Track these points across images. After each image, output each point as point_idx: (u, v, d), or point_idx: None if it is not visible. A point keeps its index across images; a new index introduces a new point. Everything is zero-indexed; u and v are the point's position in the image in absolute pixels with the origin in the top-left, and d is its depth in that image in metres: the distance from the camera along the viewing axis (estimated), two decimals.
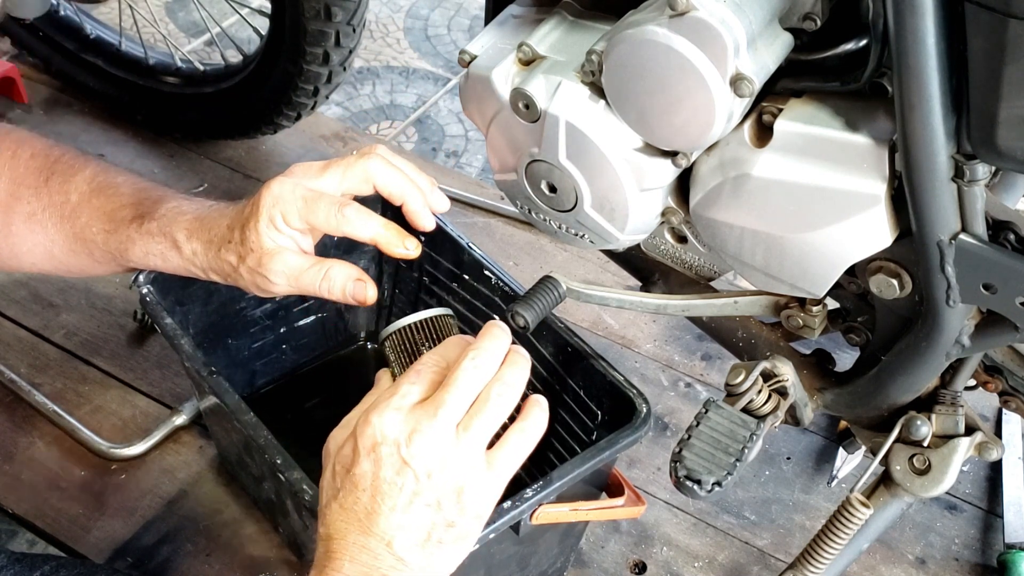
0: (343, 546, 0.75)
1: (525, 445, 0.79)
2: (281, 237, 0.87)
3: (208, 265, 0.91)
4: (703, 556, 1.30)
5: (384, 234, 0.88)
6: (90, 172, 0.97)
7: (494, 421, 0.77)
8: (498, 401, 0.76)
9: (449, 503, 0.75)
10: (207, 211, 0.92)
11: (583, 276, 1.60)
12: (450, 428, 0.75)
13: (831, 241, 0.84)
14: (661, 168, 0.87)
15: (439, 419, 0.75)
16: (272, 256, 0.87)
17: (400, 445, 0.74)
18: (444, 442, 0.75)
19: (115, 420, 1.38)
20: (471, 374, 0.76)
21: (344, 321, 1.37)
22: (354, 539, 0.75)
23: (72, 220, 0.95)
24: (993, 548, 1.32)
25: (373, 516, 0.75)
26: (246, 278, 0.89)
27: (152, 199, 0.95)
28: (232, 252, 0.88)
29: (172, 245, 0.92)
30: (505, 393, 0.77)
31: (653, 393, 1.46)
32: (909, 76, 0.71)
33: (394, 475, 0.74)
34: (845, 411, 1.06)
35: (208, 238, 0.90)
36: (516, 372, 0.79)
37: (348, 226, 0.87)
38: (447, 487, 0.75)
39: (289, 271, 0.87)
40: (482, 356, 0.77)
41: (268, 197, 0.86)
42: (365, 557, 0.75)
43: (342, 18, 1.49)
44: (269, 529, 1.28)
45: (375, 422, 0.75)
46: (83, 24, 1.82)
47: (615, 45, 0.81)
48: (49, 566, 0.96)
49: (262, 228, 0.86)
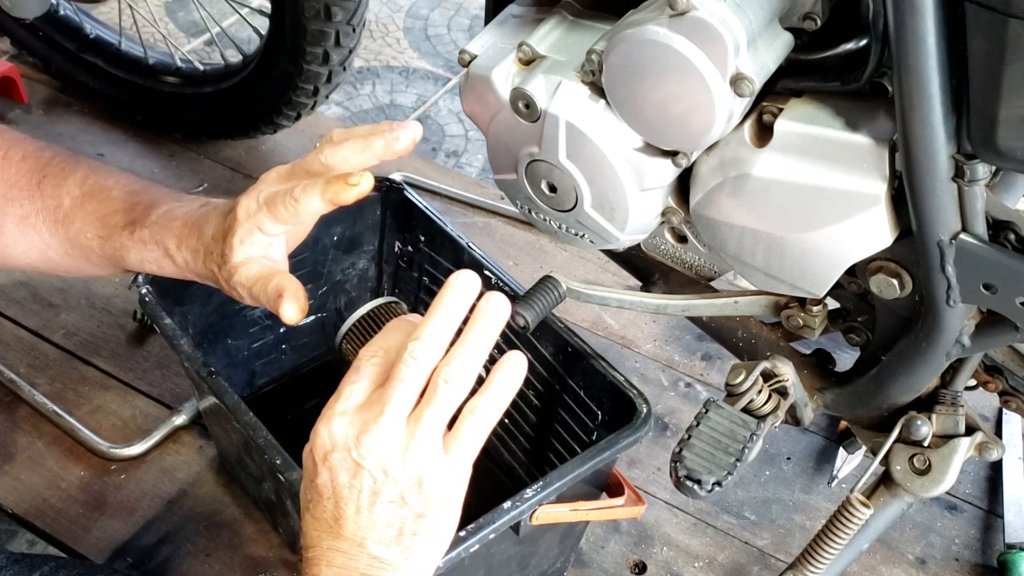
0: (318, 553, 0.75)
1: (483, 424, 0.76)
2: (253, 249, 0.87)
3: (198, 272, 0.91)
4: (703, 556, 1.30)
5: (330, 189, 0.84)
6: (81, 174, 0.96)
7: (445, 409, 0.74)
8: (446, 389, 0.74)
9: (412, 496, 0.75)
10: (196, 214, 0.92)
11: (583, 276, 1.60)
12: (399, 423, 0.74)
13: (831, 241, 0.84)
14: (661, 168, 0.87)
15: (386, 416, 0.73)
16: (237, 269, 0.87)
17: (350, 449, 0.74)
18: (394, 438, 0.74)
19: (115, 420, 1.38)
20: (412, 367, 0.74)
21: (343, 321, 1.36)
22: (328, 544, 0.75)
23: (66, 225, 0.95)
24: (993, 548, 1.32)
25: (341, 521, 0.75)
26: (225, 288, 0.89)
27: (143, 204, 0.94)
28: (213, 263, 0.88)
29: (164, 253, 0.92)
30: (454, 379, 0.74)
31: (653, 393, 1.46)
32: (909, 76, 0.71)
33: (351, 479, 0.74)
34: (845, 411, 1.06)
35: (196, 247, 0.90)
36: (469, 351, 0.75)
37: (302, 205, 0.84)
38: (406, 481, 0.74)
39: (246, 282, 0.87)
40: (422, 346, 0.74)
41: (241, 212, 0.86)
42: (340, 560, 0.75)
43: (342, 18, 1.49)
44: (269, 529, 1.28)
45: (322, 431, 0.75)
46: (83, 24, 1.82)
47: (615, 45, 0.81)
48: (49, 566, 0.96)
49: (236, 243, 0.86)
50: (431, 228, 1.25)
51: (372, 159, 0.85)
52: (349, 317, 0.89)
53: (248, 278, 0.86)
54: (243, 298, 0.88)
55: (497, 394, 0.76)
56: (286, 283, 0.85)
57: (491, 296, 0.77)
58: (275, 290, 0.85)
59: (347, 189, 0.83)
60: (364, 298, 1.36)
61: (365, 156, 0.85)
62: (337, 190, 0.83)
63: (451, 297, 0.76)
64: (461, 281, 0.77)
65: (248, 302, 0.88)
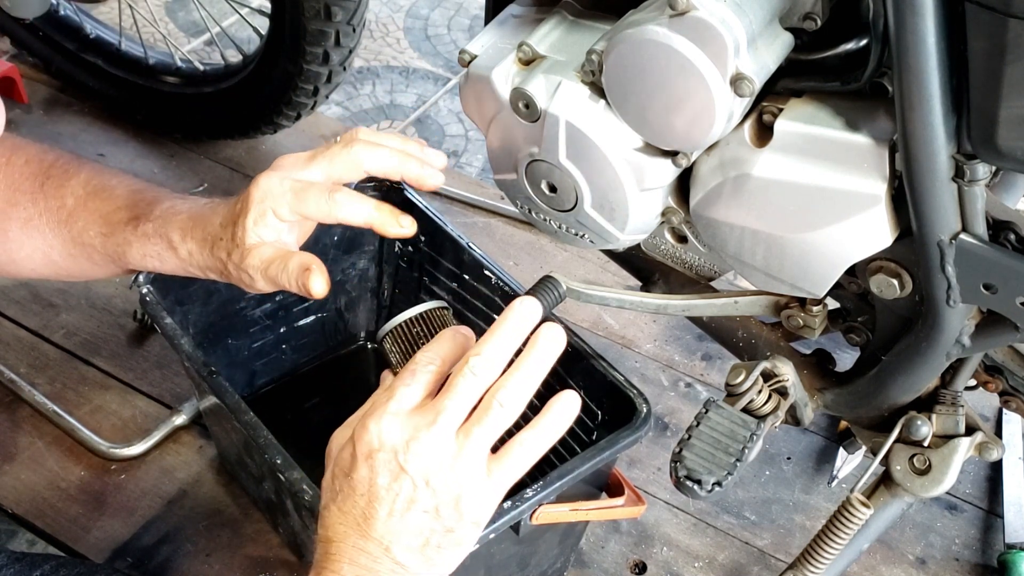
0: (342, 549, 0.75)
1: (529, 456, 0.77)
2: (267, 231, 0.87)
3: (204, 264, 0.91)
4: (703, 556, 1.30)
5: (377, 216, 0.87)
6: (85, 175, 0.96)
7: (495, 430, 0.75)
8: (499, 411, 0.75)
9: (447, 510, 0.75)
10: (201, 209, 0.92)
11: (583, 276, 1.60)
12: (449, 435, 0.74)
13: (831, 241, 0.84)
14: (661, 168, 0.87)
15: (438, 426, 0.74)
16: (251, 252, 0.87)
17: (397, 452, 0.74)
18: (442, 450, 0.74)
19: (115, 420, 1.38)
20: (470, 381, 0.75)
21: (344, 321, 1.37)
22: (353, 542, 0.75)
23: (69, 225, 0.95)
24: (993, 548, 1.32)
25: (370, 521, 0.74)
26: (234, 275, 0.89)
27: (147, 200, 0.94)
28: (223, 249, 0.88)
29: (168, 246, 0.92)
30: (508, 402, 0.75)
31: (653, 393, 1.46)
32: (909, 76, 0.71)
33: (391, 481, 0.74)
34: (845, 411, 1.06)
35: (202, 236, 0.90)
36: (527, 372, 0.76)
37: (340, 211, 0.86)
38: (445, 494, 0.74)
39: (260, 264, 0.87)
40: (483, 363, 0.75)
41: (257, 192, 0.86)
42: (364, 560, 0.75)
43: (342, 18, 1.49)
44: (269, 529, 1.28)
45: (372, 428, 0.75)
46: (83, 24, 1.82)
47: (615, 45, 0.81)
48: (49, 565, 0.96)
49: (249, 225, 0.86)
50: (431, 228, 1.25)
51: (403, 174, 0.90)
52: (399, 315, 0.88)
53: (263, 260, 0.87)
54: (253, 282, 0.88)
55: (548, 430, 0.77)
56: (310, 259, 0.86)
57: (551, 326, 0.78)
58: (301, 266, 0.86)
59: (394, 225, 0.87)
60: (364, 298, 1.37)
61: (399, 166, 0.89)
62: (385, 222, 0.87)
63: (513, 321, 0.77)
64: (524, 307, 0.78)
65: (259, 286, 0.88)
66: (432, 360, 0.78)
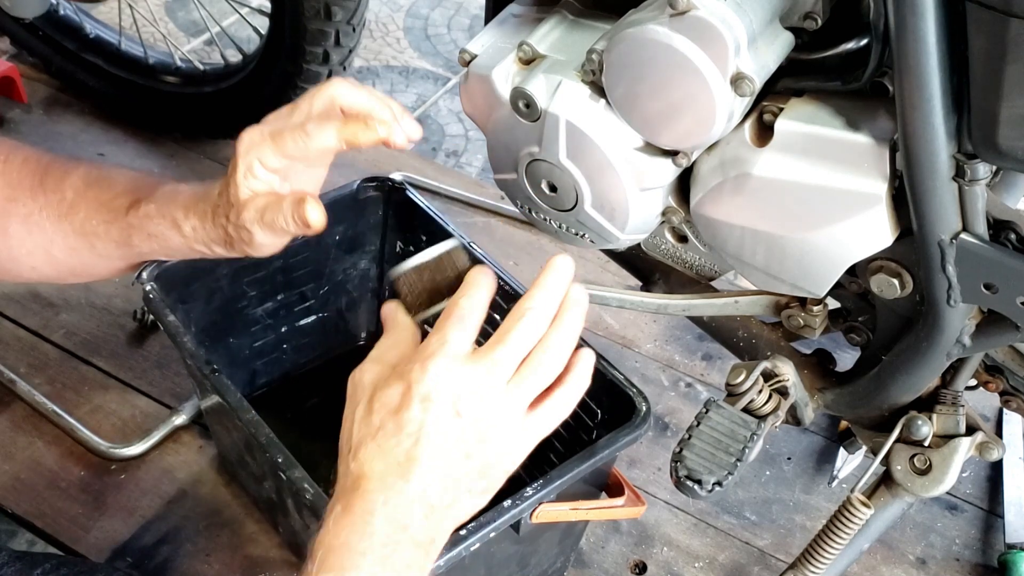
0: (379, 486, 0.74)
1: (565, 408, 0.79)
2: (258, 183, 0.87)
3: (208, 237, 0.92)
4: (703, 556, 1.30)
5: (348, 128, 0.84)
6: (83, 170, 0.97)
7: (543, 380, 0.77)
8: (549, 364, 0.77)
9: (486, 457, 0.76)
10: (202, 187, 0.93)
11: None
12: (502, 384, 0.75)
13: (832, 241, 0.84)
14: (661, 167, 0.87)
15: (494, 376, 0.75)
16: (246, 205, 0.87)
17: (457, 398, 0.74)
18: (495, 398, 0.75)
19: (115, 420, 1.38)
20: (524, 332, 0.76)
21: (344, 321, 1.37)
22: (392, 482, 0.74)
23: (70, 217, 0.95)
24: (994, 548, 1.32)
25: (414, 462, 0.74)
26: (235, 237, 0.89)
27: (148, 185, 0.95)
28: (222, 214, 0.89)
29: (172, 224, 0.92)
30: (557, 354, 0.77)
31: (653, 393, 1.46)
32: (910, 76, 0.71)
33: (446, 426, 0.74)
34: (846, 411, 1.06)
35: (204, 209, 0.90)
36: (568, 331, 0.78)
37: (313, 141, 0.85)
38: (492, 444, 0.76)
39: (256, 214, 0.87)
40: (535, 317, 0.77)
41: (242, 146, 0.87)
42: (399, 501, 0.74)
43: (342, 17, 1.49)
44: (269, 529, 1.28)
45: (432, 369, 0.75)
46: (83, 23, 1.82)
47: (616, 44, 0.81)
48: (50, 564, 0.96)
49: (239, 179, 0.86)
50: (432, 228, 1.25)
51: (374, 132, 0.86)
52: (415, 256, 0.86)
53: (258, 208, 0.87)
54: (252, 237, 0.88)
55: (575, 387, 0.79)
56: (303, 192, 0.86)
57: (577, 288, 0.80)
58: (294, 197, 0.85)
59: (366, 131, 0.84)
60: (366, 298, 1.36)
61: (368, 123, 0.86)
62: (356, 130, 0.84)
63: (556, 275, 0.79)
64: (565, 262, 0.79)
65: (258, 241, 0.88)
66: (475, 307, 0.78)
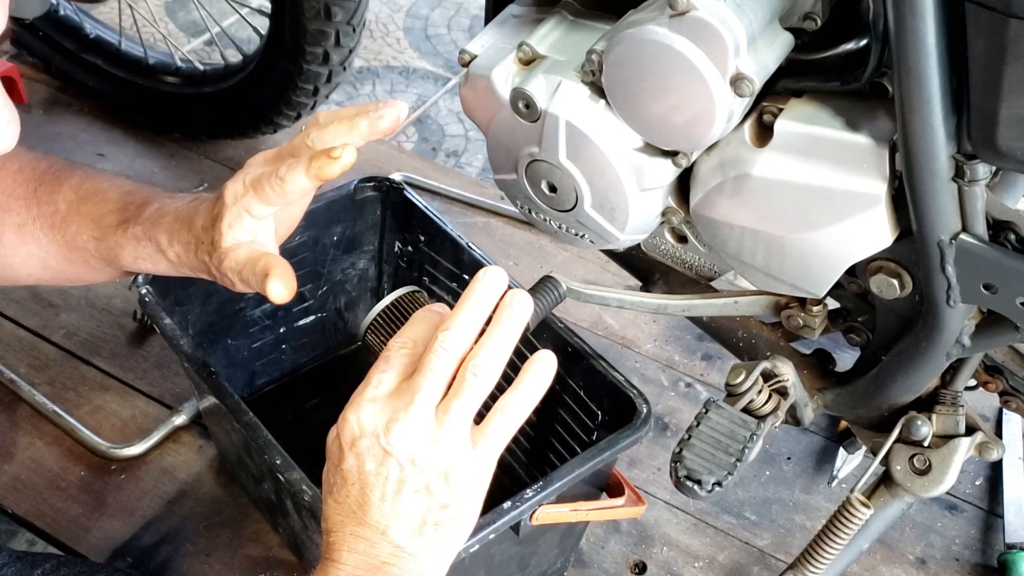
0: (341, 538, 0.76)
1: (512, 421, 0.78)
2: (242, 232, 0.87)
3: (191, 266, 0.92)
4: (703, 556, 1.30)
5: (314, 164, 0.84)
6: (76, 180, 0.96)
7: (473, 401, 0.76)
8: (474, 382, 0.75)
9: (438, 487, 0.75)
10: (186, 209, 0.92)
11: (583, 276, 1.60)
12: (428, 413, 0.75)
13: (831, 241, 0.84)
14: (661, 168, 0.87)
15: (415, 405, 0.74)
16: (227, 255, 0.87)
17: (379, 436, 0.75)
18: (423, 427, 0.75)
19: (115, 420, 1.38)
20: (442, 357, 0.75)
21: (344, 321, 1.37)
22: (351, 530, 0.76)
23: (63, 229, 0.95)
24: (993, 548, 1.32)
25: (365, 507, 0.75)
26: (218, 277, 0.90)
27: (136, 203, 0.94)
28: (204, 252, 0.89)
29: (157, 249, 0.92)
30: (483, 372, 0.75)
31: (653, 393, 1.46)
32: (909, 76, 0.71)
33: (377, 466, 0.75)
34: (845, 411, 1.06)
35: (186, 239, 0.90)
36: (498, 340, 0.76)
37: (288, 185, 0.85)
38: (432, 471, 0.75)
39: (236, 267, 0.87)
40: (452, 337, 0.76)
41: (229, 197, 0.87)
42: (362, 546, 0.75)
43: (342, 18, 1.49)
44: (269, 529, 1.28)
45: (351, 417, 0.76)
46: (83, 24, 1.82)
47: (615, 45, 0.81)
48: (50, 564, 0.96)
49: (224, 229, 0.87)
50: (431, 228, 1.25)
51: (358, 139, 0.86)
52: (374, 308, 0.89)
53: (237, 263, 0.87)
54: (234, 284, 0.88)
55: (528, 392, 0.78)
56: (273, 263, 0.85)
57: (515, 293, 0.79)
58: (262, 270, 0.85)
59: (331, 163, 0.83)
60: (364, 298, 1.36)
61: (351, 136, 0.86)
62: (321, 164, 0.83)
63: (479, 291, 0.78)
64: (489, 277, 0.79)
65: (239, 288, 0.89)
66: (404, 344, 0.79)
